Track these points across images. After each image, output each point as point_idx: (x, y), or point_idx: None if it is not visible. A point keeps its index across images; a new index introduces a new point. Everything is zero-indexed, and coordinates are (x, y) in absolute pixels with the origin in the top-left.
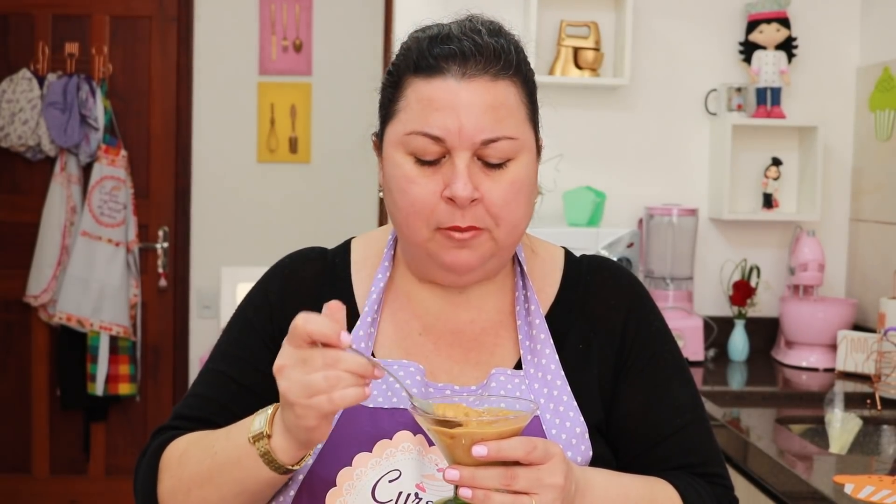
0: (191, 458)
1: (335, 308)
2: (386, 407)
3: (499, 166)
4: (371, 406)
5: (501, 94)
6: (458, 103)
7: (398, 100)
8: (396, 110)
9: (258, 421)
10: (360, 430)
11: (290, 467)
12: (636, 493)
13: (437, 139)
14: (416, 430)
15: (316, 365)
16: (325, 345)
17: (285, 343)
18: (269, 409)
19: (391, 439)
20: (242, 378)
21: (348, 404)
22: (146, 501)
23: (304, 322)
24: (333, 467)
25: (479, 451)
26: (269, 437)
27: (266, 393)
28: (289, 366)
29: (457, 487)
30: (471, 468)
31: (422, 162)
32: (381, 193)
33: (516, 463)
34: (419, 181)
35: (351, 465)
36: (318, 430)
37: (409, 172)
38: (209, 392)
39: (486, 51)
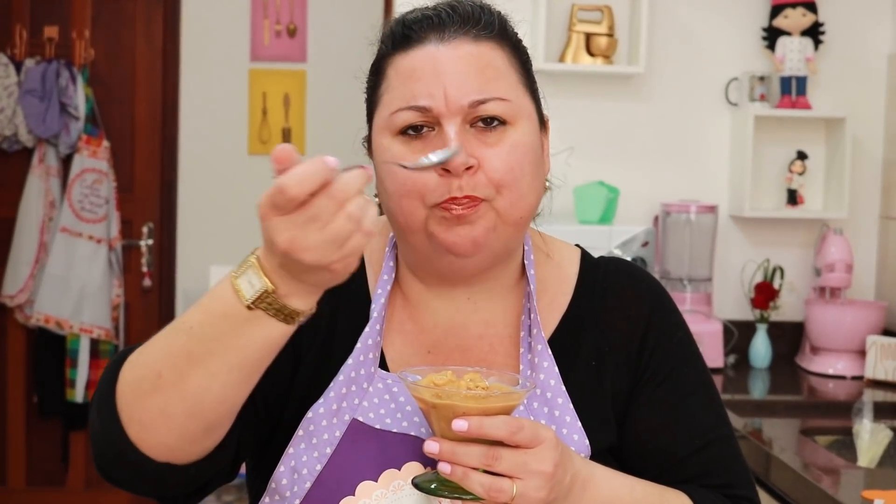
0: (155, 344)
1: (287, 151)
2: (395, 431)
3: (494, 130)
4: (378, 427)
5: (486, 55)
6: (439, 68)
7: (380, 85)
8: (380, 95)
9: (248, 282)
10: (365, 454)
11: (304, 314)
12: (643, 490)
13: (423, 109)
14: (427, 461)
15: (329, 211)
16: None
17: (270, 218)
18: (252, 263)
19: (399, 469)
20: None
21: (376, 225)
22: (102, 405)
23: (293, 185)
24: (335, 495)
25: (459, 425)
26: (274, 291)
27: (282, 359)
28: (298, 235)
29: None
30: (451, 443)
31: (410, 137)
32: (376, 199)
33: (503, 444)
34: (410, 158)
35: (354, 496)
36: (351, 270)
37: (399, 152)
38: None
39: (462, 11)
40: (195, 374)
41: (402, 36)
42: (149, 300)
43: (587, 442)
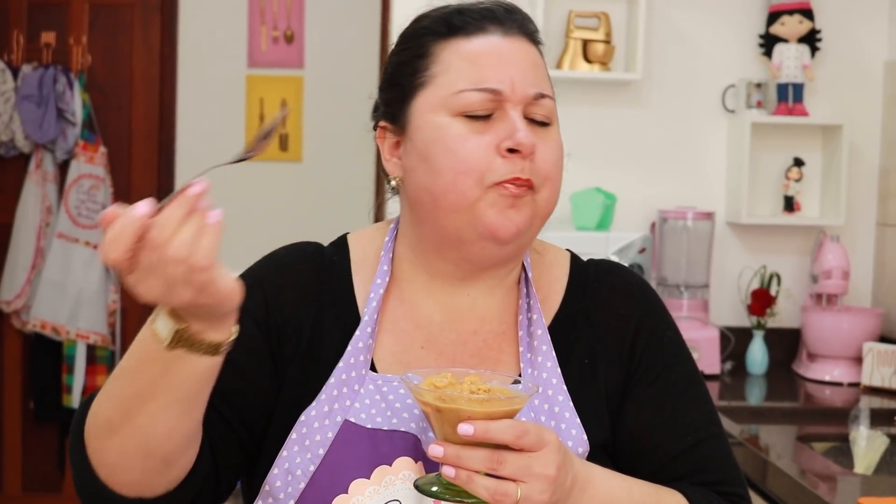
0: (105, 390)
1: (109, 216)
2: (385, 429)
3: (543, 126)
4: (369, 427)
5: (537, 55)
6: (506, 58)
7: (429, 67)
8: (431, 76)
9: (162, 325)
10: (357, 453)
11: (226, 343)
12: (640, 491)
13: (493, 92)
14: (417, 456)
15: (154, 261)
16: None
17: (123, 278)
18: (162, 307)
19: (391, 465)
20: (238, 358)
21: (213, 253)
22: (74, 450)
23: (109, 252)
24: (328, 494)
25: (465, 429)
26: (187, 328)
27: (259, 377)
28: (147, 287)
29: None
30: (456, 446)
31: (473, 118)
32: (393, 182)
33: (507, 447)
34: (471, 137)
35: (347, 493)
36: (223, 296)
37: (459, 131)
38: None
39: (518, 14)
40: (140, 415)
41: (461, 23)
42: (145, 306)
43: (585, 437)
